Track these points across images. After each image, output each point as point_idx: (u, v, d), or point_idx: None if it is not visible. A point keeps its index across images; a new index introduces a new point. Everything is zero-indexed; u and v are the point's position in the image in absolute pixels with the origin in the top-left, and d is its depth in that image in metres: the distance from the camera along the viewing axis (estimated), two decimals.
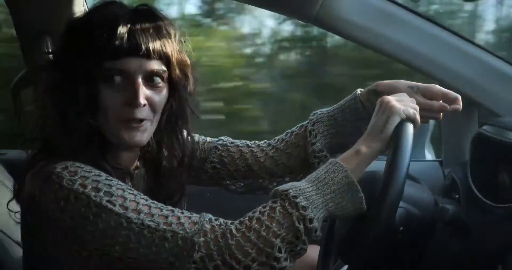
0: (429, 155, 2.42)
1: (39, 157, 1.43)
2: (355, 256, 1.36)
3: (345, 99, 1.67)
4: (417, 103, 1.47)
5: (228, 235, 1.29)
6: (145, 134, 1.46)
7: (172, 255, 1.29)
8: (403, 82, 1.59)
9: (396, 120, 1.37)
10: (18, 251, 1.73)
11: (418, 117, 1.40)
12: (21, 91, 2.47)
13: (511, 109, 1.88)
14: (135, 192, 1.35)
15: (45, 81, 1.47)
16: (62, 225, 1.32)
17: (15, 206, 1.49)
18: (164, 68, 1.46)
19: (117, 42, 1.38)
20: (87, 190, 1.30)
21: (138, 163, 1.60)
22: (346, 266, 1.56)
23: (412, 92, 1.55)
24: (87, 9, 2.37)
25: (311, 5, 1.87)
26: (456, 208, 1.57)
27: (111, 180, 1.35)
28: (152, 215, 1.30)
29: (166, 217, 1.31)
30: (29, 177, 1.40)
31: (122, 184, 1.36)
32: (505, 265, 1.49)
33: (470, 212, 1.60)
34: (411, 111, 1.39)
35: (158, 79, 1.45)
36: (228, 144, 1.77)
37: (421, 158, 2.37)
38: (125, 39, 1.39)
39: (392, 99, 1.41)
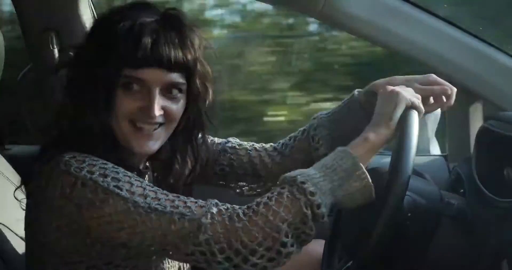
0: (434, 149, 2.42)
1: (50, 148, 1.43)
2: (360, 251, 1.36)
3: (343, 101, 1.68)
4: (418, 92, 1.50)
5: (235, 218, 1.29)
6: (157, 142, 1.47)
7: (177, 238, 1.29)
8: (398, 77, 1.59)
9: (403, 107, 1.40)
10: (21, 246, 1.73)
11: (421, 105, 1.43)
12: (25, 87, 2.47)
13: None
14: (141, 179, 1.36)
15: (67, 77, 1.48)
16: (66, 212, 1.33)
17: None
18: (183, 80, 1.45)
19: (140, 53, 1.37)
20: (94, 176, 1.31)
21: (147, 163, 1.60)
22: (351, 261, 1.56)
23: (410, 84, 1.55)
24: (92, 5, 2.37)
25: (317, 0, 1.87)
26: (461, 203, 1.57)
27: (117, 168, 1.36)
28: (159, 199, 1.31)
29: (173, 201, 1.32)
30: (37, 166, 1.41)
31: (128, 172, 1.36)
32: (510, 259, 1.48)
33: (475, 206, 1.60)
34: (415, 99, 1.42)
35: (176, 91, 1.45)
36: (237, 146, 1.77)
37: (426, 153, 2.36)
38: (148, 50, 1.38)
39: (396, 87, 1.45)
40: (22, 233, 1.74)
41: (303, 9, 2.00)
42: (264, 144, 1.78)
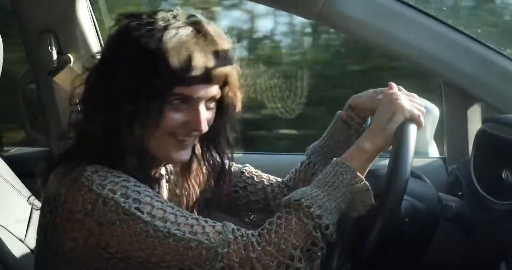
0: (432, 152, 2.42)
1: (70, 155, 1.43)
2: (358, 254, 1.36)
3: (330, 123, 1.72)
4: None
5: (250, 247, 1.30)
6: (190, 150, 1.49)
7: (194, 264, 1.30)
8: (370, 90, 1.64)
9: (399, 119, 1.39)
10: (20, 248, 1.73)
11: (422, 118, 1.42)
12: (24, 89, 2.47)
13: None
14: (162, 199, 1.36)
15: (92, 84, 1.44)
16: (86, 227, 1.32)
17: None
18: (219, 91, 1.45)
19: (194, 72, 1.36)
20: (116, 196, 1.31)
21: (162, 171, 1.61)
22: (349, 264, 1.56)
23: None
24: (91, 7, 2.37)
25: (315, 2, 1.87)
26: (459, 205, 1.57)
27: (139, 186, 1.35)
28: (178, 224, 1.31)
29: (192, 226, 1.32)
30: (56, 174, 1.40)
31: (150, 190, 1.36)
32: (508, 262, 1.48)
33: (473, 209, 1.60)
34: (416, 111, 1.41)
35: (214, 102, 1.46)
36: (253, 172, 1.78)
37: (425, 155, 2.36)
38: (200, 68, 1.36)
39: (400, 95, 1.44)
40: (20, 234, 1.74)
41: (301, 11, 2.00)
42: (276, 178, 1.80)
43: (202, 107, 1.41)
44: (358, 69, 4.45)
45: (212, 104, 1.46)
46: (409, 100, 1.43)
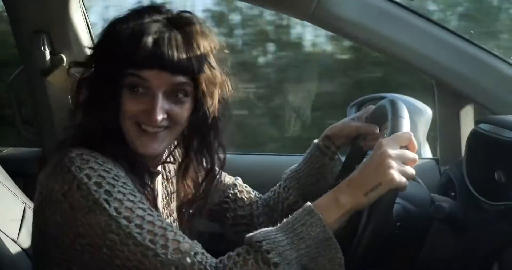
0: (425, 153, 2.42)
1: (66, 142, 1.44)
2: (350, 255, 1.36)
3: (307, 150, 1.79)
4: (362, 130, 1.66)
5: None
6: (161, 144, 1.46)
7: None
8: (345, 119, 1.75)
9: (384, 190, 1.30)
10: (12, 248, 1.73)
11: (406, 183, 1.31)
12: (17, 89, 2.47)
13: (506, 107, 1.88)
14: (137, 198, 1.34)
15: (80, 76, 1.49)
16: (61, 209, 1.32)
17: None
18: (188, 83, 1.44)
19: (141, 53, 1.37)
20: (90, 182, 1.30)
21: (159, 168, 1.60)
22: None
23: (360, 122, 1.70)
24: (84, 7, 2.36)
25: (308, 2, 1.87)
26: (452, 206, 1.57)
27: (117, 180, 1.34)
28: (142, 228, 1.29)
29: (155, 235, 1.29)
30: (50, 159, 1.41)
31: (127, 187, 1.35)
32: (500, 262, 1.49)
33: (466, 210, 1.60)
34: (404, 182, 1.30)
35: (181, 94, 1.44)
36: (244, 186, 1.82)
37: (418, 156, 2.37)
38: (149, 50, 1.37)
39: (391, 161, 1.31)
40: (13, 234, 1.74)
41: (294, 12, 2.00)
42: (259, 194, 1.84)
43: (159, 95, 1.40)
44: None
45: (183, 98, 1.44)
46: (401, 164, 1.31)
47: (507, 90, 1.91)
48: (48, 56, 2.31)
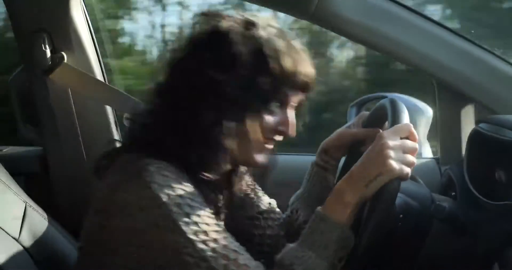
0: (426, 152, 2.42)
1: (135, 146, 1.43)
2: (352, 254, 1.37)
3: (307, 172, 1.79)
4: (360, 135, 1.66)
5: None
6: (268, 155, 1.50)
7: None
8: (339, 130, 1.74)
9: (385, 180, 1.31)
10: (14, 246, 1.73)
11: (410, 173, 1.33)
12: (17, 88, 2.47)
13: (507, 107, 1.88)
14: (212, 221, 1.34)
15: (183, 87, 1.42)
16: (135, 222, 1.31)
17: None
18: None
19: (308, 79, 1.44)
20: (170, 202, 1.29)
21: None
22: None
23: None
24: (84, 6, 2.36)
25: (309, 2, 1.87)
26: (452, 206, 1.57)
27: (193, 200, 1.33)
28: (217, 253, 1.30)
29: (228, 259, 1.30)
30: (118, 164, 1.40)
31: (203, 208, 1.34)
32: (501, 262, 1.49)
33: (466, 209, 1.60)
34: (405, 170, 1.32)
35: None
36: (277, 209, 1.81)
37: (418, 155, 2.37)
38: (304, 74, 1.44)
39: (390, 151, 1.32)
40: (14, 233, 1.74)
41: (295, 11, 2.00)
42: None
43: (293, 112, 1.47)
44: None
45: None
46: (401, 153, 1.33)
47: (507, 90, 1.91)
48: (48, 55, 2.30)
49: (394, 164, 1.30)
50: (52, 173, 2.38)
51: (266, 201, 1.79)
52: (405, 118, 1.40)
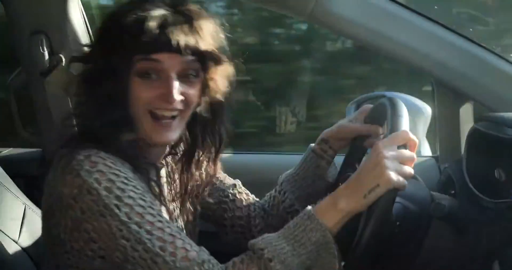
0: (425, 151, 2.42)
1: (71, 143, 1.43)
2: (352, 251, 1.36)
3: (303, 155, 1.79)
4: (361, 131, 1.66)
5: None
6: (175, 133, 1.48)
7: None
8: (340, 121, 1.74)
9: (382, 191, 1.30)
10: (13, 248, 1.73)
11: (405, 183, 1.32)
12: (16, 90, 2.47)
13: (506, 105, 1.88)
14: (147, 203, 1.35)
15: (82, 72, 1.48)
16: (72, 214, 1.33)
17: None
18: (197, 64, 1.45)
19: (150, 36, 1.38)
20: (100, 187, 1.31)
21: (164, 160, 1.62)
22: (343, 263, 1.56)
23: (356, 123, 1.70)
24: (82, 8, 2.36)
25: (307, 2, 1.87)
26: (452, 204, 1.57)
27: (126, 184, 1.34)
28: (152, 235, 1.30)
29: (165, 241, 1.30)
30: (56, 159, 1.41)
31: (137, 190, 1.35)
32: (501, 260, 1.49)
33: (466, 207, 1.60)
34: (402, 181, 1.31)
35: (192, 76, 1.46)
36: (243, 188, 1.82)
37: (417, 154, 2.36)
38: (155, 34, 1.38)
39: (388, 161, 1.32)
40: (13, 235, 1.74)
41: (293, 11, 2.00)
42: (255, 198, 1.84)
43: (173, 76, 1.42)
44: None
45: (194, 79, 1.47)
46: (398, 164, 1.32)
47: (506, 88, 1.91)
48: (47, 57, 2.30)
49: (391, 175, 1.30)
50: None
51: (230, 183, 1.80)
52: (404, 123, 1.40)
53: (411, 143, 1.37)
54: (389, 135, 1.38)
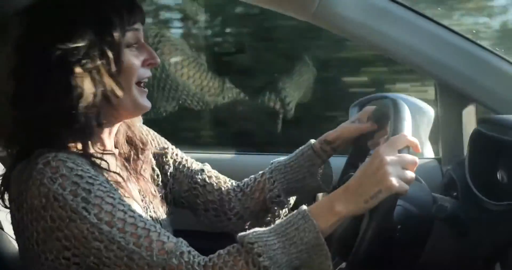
0: (427, 153, 2.42)
1: (26, 149, 1.42)
2: (353, 254, 1.36)
3: (300, 148, 1.79)
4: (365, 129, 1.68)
5: None
6: None
7: None
8: (343, 124, 1.75)
9: (384, 196, 1.30)
10: (12, 247, 1.73)
11: (408, 188, 1.32)
12: None
13: (508, 107, 1.88)
14: (116, 200, 1.34)
15: (16, 66, 1.44)
16: (44, 223, 1.32)
17: None
18: None
19: (133, 9, 1.46)
20: (65, 193, 1.30)
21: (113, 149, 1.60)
22: (344, 264, 1.57)
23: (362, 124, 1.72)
24: None
25: (310, 2, 1.87)
26: (454, 206, 1.57)
27: (92, 184, 1.33)
28: (125, 232, 1.29)
29: (139, 237, 1.30)
30: (16, 172, 1.40)
31: (104, 188, 1.34)
32: (503, 262, 1.49)
33: (468, 209, 1.60)
34: (404, 187, 1.31)
35: None
36: (212, 172, 1.82)
37: (420, 155, 2.37)
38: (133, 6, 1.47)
39: (390, 168, 1.31)
40: (13, 234, 1.74)
41: (296, 11, 1.99)
42: (232, 180, 1.84)
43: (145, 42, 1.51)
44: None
45: None
46: (399, 169, 1.32)
47: (509, 90, 1.91)
48: None
49: (393, 181, 1.30)
50: None
51: (198, 168, 1.80)
52: (406, 126, 1.40)
53: (412, 145, 1.36)
54: (389, 139, 1.38)
